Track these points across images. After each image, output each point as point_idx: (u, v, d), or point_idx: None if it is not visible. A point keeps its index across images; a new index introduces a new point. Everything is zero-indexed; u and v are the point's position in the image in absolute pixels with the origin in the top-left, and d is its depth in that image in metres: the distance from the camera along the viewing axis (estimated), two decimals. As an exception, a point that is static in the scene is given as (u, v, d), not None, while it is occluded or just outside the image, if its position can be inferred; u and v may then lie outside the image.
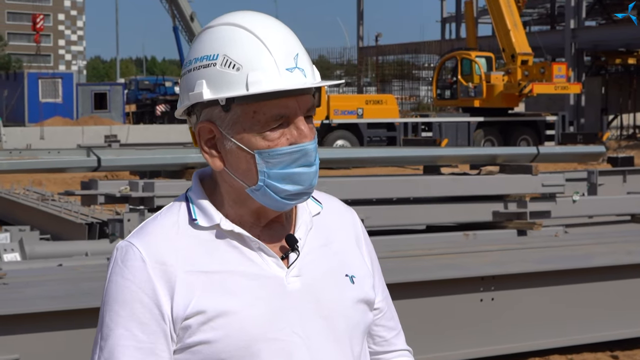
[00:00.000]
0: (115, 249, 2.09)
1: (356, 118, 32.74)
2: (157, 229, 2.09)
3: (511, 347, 7.34)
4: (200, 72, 2.04)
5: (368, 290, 2.21)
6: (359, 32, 62.40)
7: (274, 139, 2.02)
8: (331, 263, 2.16)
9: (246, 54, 2.02)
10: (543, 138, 34.56)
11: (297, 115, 2.04)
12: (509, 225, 10.36)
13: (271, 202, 2.06)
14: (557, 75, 34.68)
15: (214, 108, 2.04)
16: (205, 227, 2.08)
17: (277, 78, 2.01)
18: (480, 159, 11.04)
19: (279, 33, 2.05)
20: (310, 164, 2.06)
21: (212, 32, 2.07)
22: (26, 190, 15.84)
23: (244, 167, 2.04)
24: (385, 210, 10.14)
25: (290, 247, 2.10)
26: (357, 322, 2.16)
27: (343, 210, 2.28)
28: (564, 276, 7.56)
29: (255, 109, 2.01)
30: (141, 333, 2.01)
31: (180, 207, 2.12)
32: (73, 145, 31.11)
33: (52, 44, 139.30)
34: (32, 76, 52.22)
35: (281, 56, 2.02)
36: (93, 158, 9.50)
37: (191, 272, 2.03)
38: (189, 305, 2.01)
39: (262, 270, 2.06)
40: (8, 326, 5.48)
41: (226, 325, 2.01)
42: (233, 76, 2.01)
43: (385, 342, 2.34)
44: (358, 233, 2.28)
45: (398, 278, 6.88)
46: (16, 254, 9.00)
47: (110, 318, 2.03)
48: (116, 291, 2.03)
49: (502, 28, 35.16)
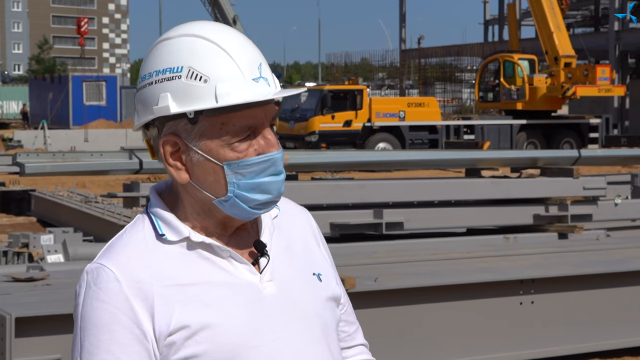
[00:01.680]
0: (85, 272, 2.03)
1: (398, 121, 32.72)
2: (125, 248, 2.04)
3: (551, 351, 7.31)
4: (164, 85, 2.00)
5: (334, 287, 2.22)
6: (401, 35, 62.32)
7: (242, 150, 2.01)
8: (298, 264, 2.16)
9: (212, 66, 1.99)
10: (586, 141, 34.33)
11: (264, 125, 2.03)
12: (550, 229, 10.32)
13: (240, 212, 2.05)
14: (600, 78, 34.44)
15: (179, 121, 2.00)
16: (174, 241, 2.05)
17: (245, 89, 1.99)
18: (521, 162, 11.00)
19: (240, 43, 2.03)
20: (278, 173, 2.05)
21: (172, 44, 2.03)
22: (70, 193, 15.98)
23: (212, 179, 2.02)
24: (426, 213, 10.14)
25: (259, 252, 2.09)
26: (329, 320, 2.17)
27: (297, 210, 2.28)
28: (604, 280, 7.52)
29: (223, 120, 1.99)
30: (124, 355, 1.97)
31: (144, 224, 2.08)
32: (116, 147, 31.36)
33: (97, 47, 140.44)
34: (76, 79, 52.65)
35: (246, 66, 2.01)
36: (135, 160, 9.58)
37: (167, 287, 2.00)
38: (171, 321, 1.98)
39: (236, 278, 2.05)
40: (50, 326, 5.55)
41: (210, 338, 1.99)
42: (201, 88, 1.98)
43: (349, 337, 2.33)
44: (314, 231, 2.28)
45: (438, 281, 6.89)
46: (59, 255, 9.09)
47: (90, 343, 1.97)
48: (93, 315, 1.98)
49: (545, 30, 34.97)
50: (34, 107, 55.34)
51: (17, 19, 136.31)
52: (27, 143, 37.84)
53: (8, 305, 5.56)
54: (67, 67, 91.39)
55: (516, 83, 35.26)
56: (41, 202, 16.54)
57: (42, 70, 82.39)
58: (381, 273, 6.88)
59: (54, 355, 5.53)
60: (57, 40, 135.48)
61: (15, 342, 5.38)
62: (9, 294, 5.99)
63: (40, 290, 6.21)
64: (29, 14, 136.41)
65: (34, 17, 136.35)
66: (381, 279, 6.59)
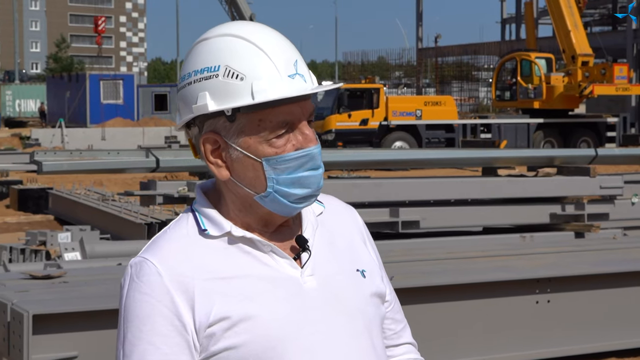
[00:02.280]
0: (129, 265, 2.09)
1: (415, 119, 32.70)
2: (168, 243, 2.09)
3: (567, 350, 7.31)
4: (202, 84, 2.05)
5: (379, 283, 2.24)
6: (418, 33, 62.25)
7: (280, 146, 2.05)
8: (341, 260, 2.18)
9: (248, 64, 2.03)
10: (604, 140, 34.23)
11: (301, 121, 2.07)
12: (566, 228, 10.31)
13: (280, 207, 2.09)
14: (618, 77, 34.33)
15: (218, 119, 2.06)
16: (216, 236, 2.09)
17: (281, 85, 2.03)
18: (538, 161, 10.99)
19: (276, 41, 2.08)
20: (316, 167, 2.09)
21: (209, 44, 2.08)
22: (87, 191, 16.04)
23: (251, 175, 2.07)
24: (442, 211, 10.14)
25: (300, 247, 2.12)
26: (373, 316, 2.19)
27: (343, 208, 2.32)
28: (621, 279, 7.51)
29: (260, 117, 2.04)
30: (165, 346, 2.01)
31: (188, 220, 2.13)
32: (133, 146, 31.44)
33: (114, 46, 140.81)
34: (93, 78, 52.78)
35: (282, 64, 2.05)
36: (152, 159, 9.61)
37: (208, 280, 2.04)
38: (211, 312, 2.02)
39: (277, 272, 2.08)
40: (67, 324, 5.58)
41: (250, 329, 2.02)
42: (237, 86, 2.03)
43: (395, 335, 2.35)
44: (361, 229, 2.32)
45: (454, 280, 6.89)
46: (77, 253, 9.13)
47: (132, 334, 2.03)
48: (135, 307, 2.04)
49: (563, 29, 34.88)
50: (52, 105, 55.49)
51: (35, 17, 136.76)
52: (45, 141, 37.98)
53: (26, 303, 5.60)
54: (84, 65, 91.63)
55: (533, 82, 35.17)
56: (58, 200, 16.61)
57: (59, 69, 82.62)
58: (397, 272, 6.88)
59: (71, 353, 5.56)
60: (75, 39, 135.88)
61: (32, 339, 5.42)
62: (26, 291, 6.02)
63: (57, 287, 6.25)
64: (47, 12, 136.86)
65: (51, 15, 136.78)
66: (397, 278, 6.59)
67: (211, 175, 2.17)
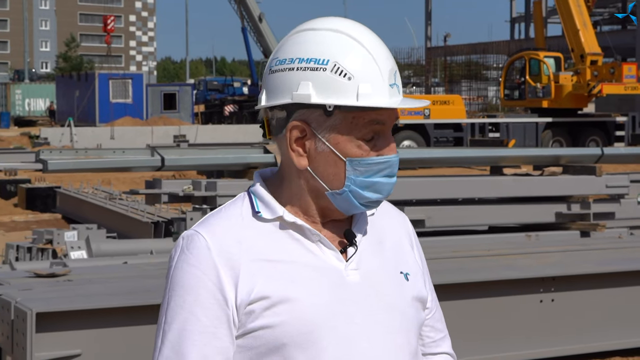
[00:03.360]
0: (181, 237, 2.16)
1: (423, 119, 32.66)
2: (221, 220, 2.15)
3: (571, 349, 7.31)
4: (307, 74, 2.08)
5: (421, 288, 2.28)
6: (427, 32, 62.21)
7: (367, 149, 2.10)
8: (386, 260, 2.22)
9: (357, 65, 2.08)
10: (612, 139, 34.14)
11: (388, 129, 2.13)
12: (572, 227, 10.30)
13: (348, 206, 2.14)
14: (627, 76, 34.24)
15: (313, 110, 2.09)
16: (268, 219, 2.14)
17: (383, 93, 2.09)
18: (544, 160, 10.97)
19: (383, 49, 2.14)
20: (392, 175, 2.15)
21: (318, 36, 2.11)
22: (94, 190, 16.08)
23: (332, 171, 2.11)
24: (448, 210, 10.14)
25: (348, 241, 2.16)
26: (412, 317, 2.22)
27: (395, 213, 2.35)
28: (625, 278, 7.51)
29: (355, 117, 2.09)
30: (205, 318, 2.07)
31: (243, 201, 2.19)
32: (142, 145, 31.46)
33: (124, 45, 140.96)
34: (102, 77, 52.82)
35: (386, 72, 2.11)
36: (157, 158, 9.63)
37: (254, 260, 2.09)
38: (253, 291, 2.07)
39: (322, 262, 2.13)
40: (71, 322, 5.60)
41: (289, 311, 2.07)
42: (344, 84, 2.07)
43: (433, 343, 2.38)
44: (410, 235, 2.35)
45: (459, 278, 6.89)
46: (83, 251, 9.16)
47: (175, 302, 2.10)
48: (182, 277, 2.10)
49: (571, 28, 34.80)
50: (61, 104, 55.55)
51: (45, 17, 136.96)
52: (54, 140, 38.03)
53: (29, 301, 5.62)
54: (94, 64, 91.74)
55: (542, 81, 35.10)
56: (66, 198, 16.66)
57: (69, 68, 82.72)
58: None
59: (74, 351, 5.58)
60: (84, 38, 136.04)
61: (36, 337, 5.44)
62: (30, 289, 6.05)
63: (61, 285, 6.27)
64: (57, 12, 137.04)
65: (61, 15, 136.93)
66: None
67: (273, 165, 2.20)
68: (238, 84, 64.82)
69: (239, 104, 55.62)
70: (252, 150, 10.28)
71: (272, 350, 2.08)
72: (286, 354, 2.08)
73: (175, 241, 9.09)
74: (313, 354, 2.08)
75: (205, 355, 2.07)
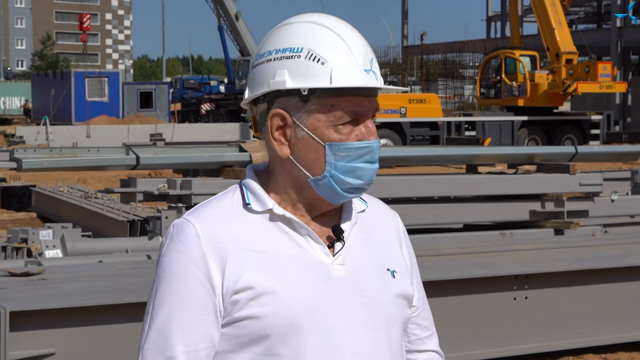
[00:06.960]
0: (171, 225, 2.21)
1: (399, 117, 32.70)
2: (212, 210, 2.20)
3: (545, 346, 7.35)
4: (283, 62, 2.15)
5: (407, 286, 2.30)
6: (404, 31, 62.29)
7: (345, 134, 2.15)
8: (373, 256, 2.26)
9: (330, 51, 2.15)
10: (588, 137, 34.31)
11: (368, 115, 2.19)
12: (546, 225, 10.33)
13: (330, 193, 2.18)
14: (602, 74, 34.41)
15: (291, 98, 2.15)
16: (258, 212, 2.19)
17: (357, 76, 2.15)
18: (518, 158, 11.01)
19: (357, 37, 2.20)
20: (373, 161, 2.20)
21: (293, 28, 2.19)
22: (70, 188, 16.04)
23: (312, 157, 2.16)
24: (423, 209, 10.16)
25: (336, 236, 2.20)
26: (396, 314, 2.25)
27: (386, 211, 2.39)
28: (599, 275, 7.55)
29: (333, 102, 2.14)
30: (192, 305, 2.12)
31: (234, 193, 2.23)
32: (118, 143, 31.37)
33: (100, 43, 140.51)
34: (78, 75, 52.58)
35: (360, 57, 2.17)
36: (132, 156, 9.61)
37: (242, 250, 2.14)
38: (239, 280, 2.11)
39: (309, 255, 2.17)
40: (45, 321, 5.58)
41: (273, 302, 2.11)
42: (317, 69, 2.13)
43: (419, 341, 2.41)
44: (400, 234, 2.38)
45: (432, 276, 6.91)
46: (58, 250, 9.14)
47: (164, 289, 2.15)
48: (170, 264, 2.15)
49: (547, 27, 34.95)
50: (37, 103, 55.27)
51: (21, 15, 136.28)
52: (30, 139, 37.84)
53: (3, 300, 5.61)
54: (70, 63, 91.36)
55: (517, 79, 35.24)
56: (41, 197, 16.60)
57: (45, 66, 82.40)
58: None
59: (48, 350, 5.57)
60: (60, 37, 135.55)
61: (10, 336, 5.42)
62: (4, 288, 6.03)
63: (36, 284, 6.26)
64: (32, 10, 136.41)
65: (37, 13, 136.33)
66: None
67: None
68: (215, 82, 64.71)
69: (215, 103, 55.52)
70: (228, 148, 10.28)
71: (255, 340, 2.12)
72: (269, 344, 2.12)
73: (150, 240, 9.10)
74: (295, 345, 2.12)
75: (191, 340, 2.12)
